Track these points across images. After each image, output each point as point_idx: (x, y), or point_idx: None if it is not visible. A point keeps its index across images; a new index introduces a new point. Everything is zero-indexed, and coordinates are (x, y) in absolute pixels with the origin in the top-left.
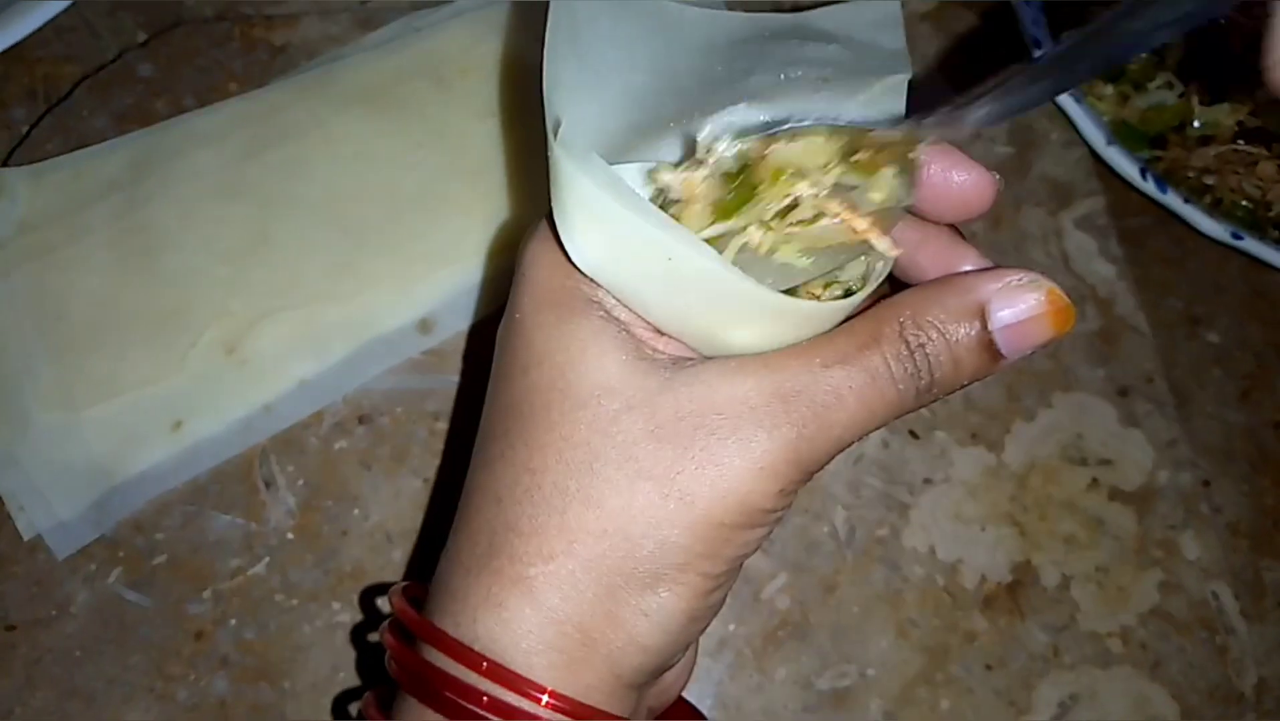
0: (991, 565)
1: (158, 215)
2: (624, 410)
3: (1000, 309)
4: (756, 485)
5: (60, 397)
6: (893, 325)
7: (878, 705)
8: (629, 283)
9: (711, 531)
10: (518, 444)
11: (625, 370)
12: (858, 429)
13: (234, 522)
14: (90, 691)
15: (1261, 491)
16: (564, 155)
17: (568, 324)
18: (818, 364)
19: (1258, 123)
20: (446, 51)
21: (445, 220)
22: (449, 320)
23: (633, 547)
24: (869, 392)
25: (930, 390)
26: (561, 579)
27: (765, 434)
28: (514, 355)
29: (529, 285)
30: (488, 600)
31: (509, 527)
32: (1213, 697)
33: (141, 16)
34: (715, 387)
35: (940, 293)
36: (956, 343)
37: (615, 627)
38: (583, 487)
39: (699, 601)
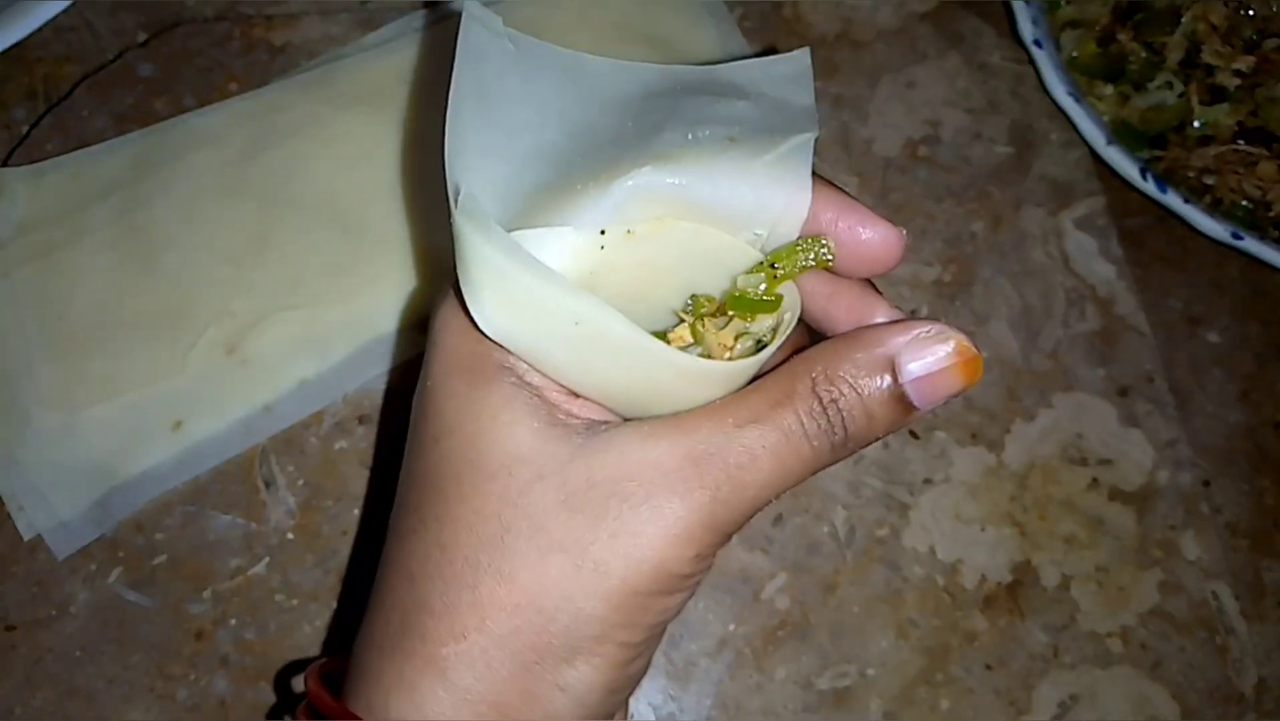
0: (991, 565)
1: (158, 215)
2: (535, 479)
3: (909, 361)
4: (671, 551)
5: (61, 397)
6: (805, 381)
7: (878, 705)
8: (538, 347)
9: (627, 600)
10: (429, 518)
11: (537, 438)
12: (773, 488)
13: (234, 522)
14: (90, 691)
15: (1261, 491)
16: (464, 222)
17: (478, 391)
18: (730, 424)
19: (1258, 123)
20: (447, 51)
21: (445, 220)
22: None
23: (546, 621)
24: (783, 450)
25: (845, 445)
26: (474, 657)
27: (679, 499)
28: (426, 424)
29: (439, 351)
30: (400, 682)
31: (420, 606)
32: (1213, 697)
33: (142, 16)
34: (627, 453)
35: (850, 347)
36: (869, 396)
37: (532, 705)
38: (494, 561)
39: (617, 672)
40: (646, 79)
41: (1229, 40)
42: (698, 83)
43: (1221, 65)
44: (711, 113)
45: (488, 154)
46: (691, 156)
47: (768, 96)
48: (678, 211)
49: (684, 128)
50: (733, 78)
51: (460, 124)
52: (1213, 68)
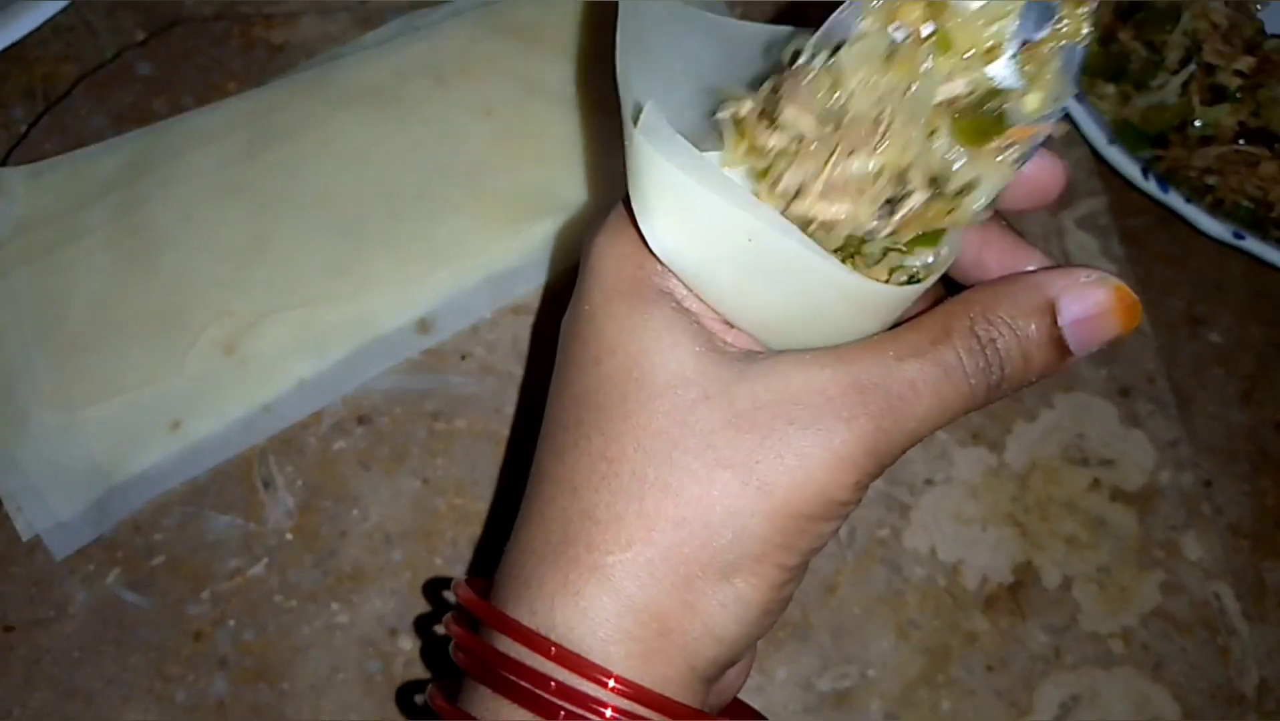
0: (993, 566)
1: (156, 215)
2: (701, 399)
3: (1070, 304)
4: (835, 475)
5: (59, 397)
6: (963, 320)
7: (878, 706)
8: (705, 268)
9: (789, 522)
10: (593, 433)
11: (699, 361)
12: (931, 422)
13: (233, 523)
14: (89, 692)
15: (1263, 492)
16: (645, 138)
17: (640, 314)
18: (891, 356)
19: (1259, 123)
20: (445, 51)
21: (444, 220)
22: (448, 320)
23: (711, 536)
24: (943, 386)
25: (1000, 386)
26: (639, 567)
27: (844, 425)
28: (584, 346)
29: (598, 277)
30: (564, 588)
31: (585, 515)
32: (1214, 698)
33: (140, 16)
34: (791, 378)
35: (1010, 289)
36: (1027, 338)
37: (692, 617)
38: (661, 475)
39: (774, 593)
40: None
41: (1230, 40)
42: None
43: (1222, 65)
44: None
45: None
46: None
47: None
48: None
49: None
50: None
51: (629, 55)
52: (1214, 67)
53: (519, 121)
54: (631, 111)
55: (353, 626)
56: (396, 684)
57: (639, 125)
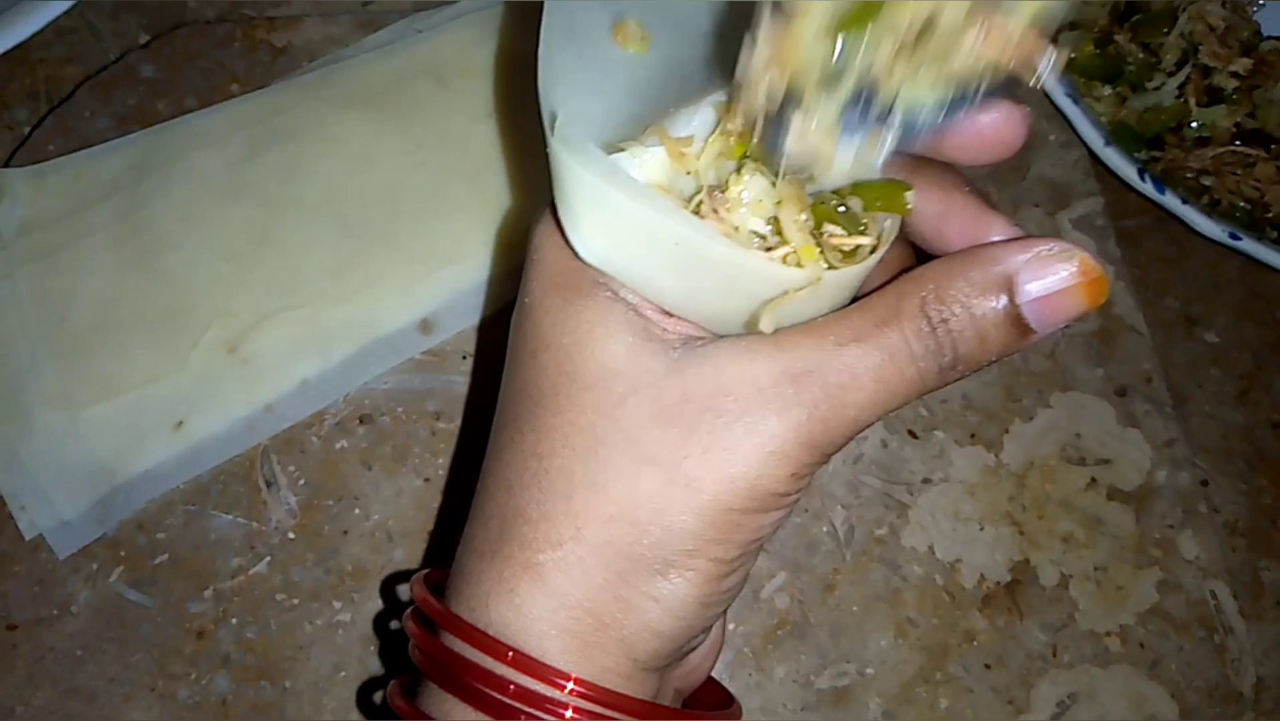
0: (990, 564)
1: (160, 215)
2: (629, 393)
3: (1029, 280)
4: (765, 469)
5: (62, 397)
6: (913, 300)
7: (877, 704)
8: (637, 271)
9: (720, 516)
10: (526, 429)
11: (632, 352)
12: (875, 409)
13: (235, 522)
14: (92, 690)
15: (1259, 491)
16: (561, 148)
17: (573, 306)
18: (831, 341)
19: (1255, 124)
20: (447, 53)
21: (446, 220)
22: (450, 320)
23: (639, 533)
24: (886, 371)
25: (955, 367)
26: (570, 564)
27: (774, 416)
28: (523, 340)
29: (536, 269)
30: (500, 585)
31: (518, 514)
32: (1211, 696)
33: (144, 18)
34: (723, 368)
35: (964, 265)
36: (982, 317)
37: (627, 612)
38: (589, 473)
39: (711, 586)
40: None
41: (1226, 42)
42: None
43: (1219, 67)
44: None
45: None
46: None
47: None
48: None
49: None
50: None
51: (552, 57)
52: (1210, 69)
53: (519, 123)
54: (549, 118)
55: (355, 624)
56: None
57: (555, 134)
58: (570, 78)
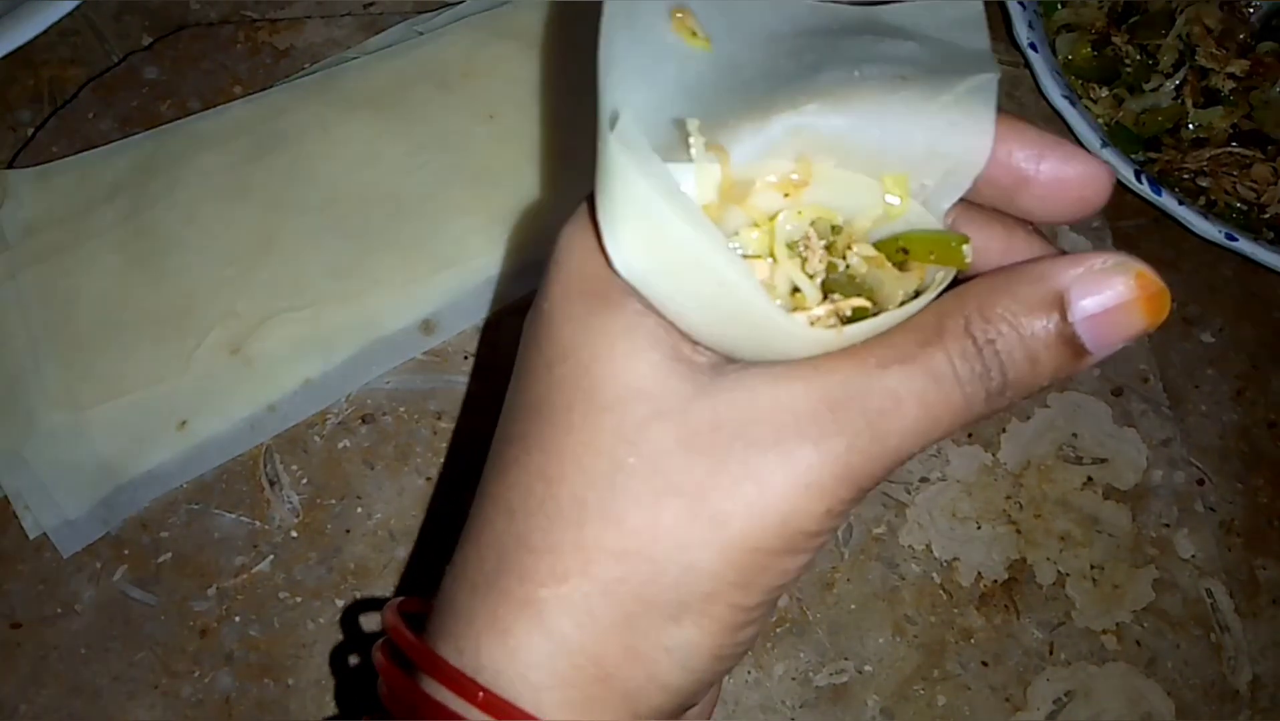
0: (988, 562)
1: (163, 217)
2: (653, 417)
3: (1082, 296)
4: (800, 503)
5: (66, 397)
6: (957, 319)
7: (874, 701)
8: (671, 298)
9: (746, 557)
10: (534, 448)
11: (658, 371)
12: (918, 439)
13: (239, 521)
14: (96, 688)
15: (1255, 490)
16: (620, 150)
17: (598, 316)
18: (872, 365)
19: (1252, 125)
20: (449, 55)
21: (448, 222)
22: (451, 321)
23: (656, 572)
24: (930, 396)
25: (1003, 392)
26: (575, 603)
27: (812, 446)
28: (538, 349)
29: (560, 272)
30: (493, 625)
31: (520, 543)
32: (1208, 694)
33: (146, 20)
34: (757, 394)
35: (1011, 281)
36: (1032, 337)
37: (633, 663)
38: (603, 501)
39: (726, 637)
40: (797, 15)
41: (1223, 43)
42: (855, 22)
43: (1216, 68)
44: (876, 52)
45: (635, 77)
46: (859, 95)
47: (935, 39)
48: (838, 154)
49: (848, 66)
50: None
51: (613, 39)
52: (1207, 70)
53: (521, 125)
54: (609, 113)
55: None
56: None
57: (614, 132)
58: (627, 63)
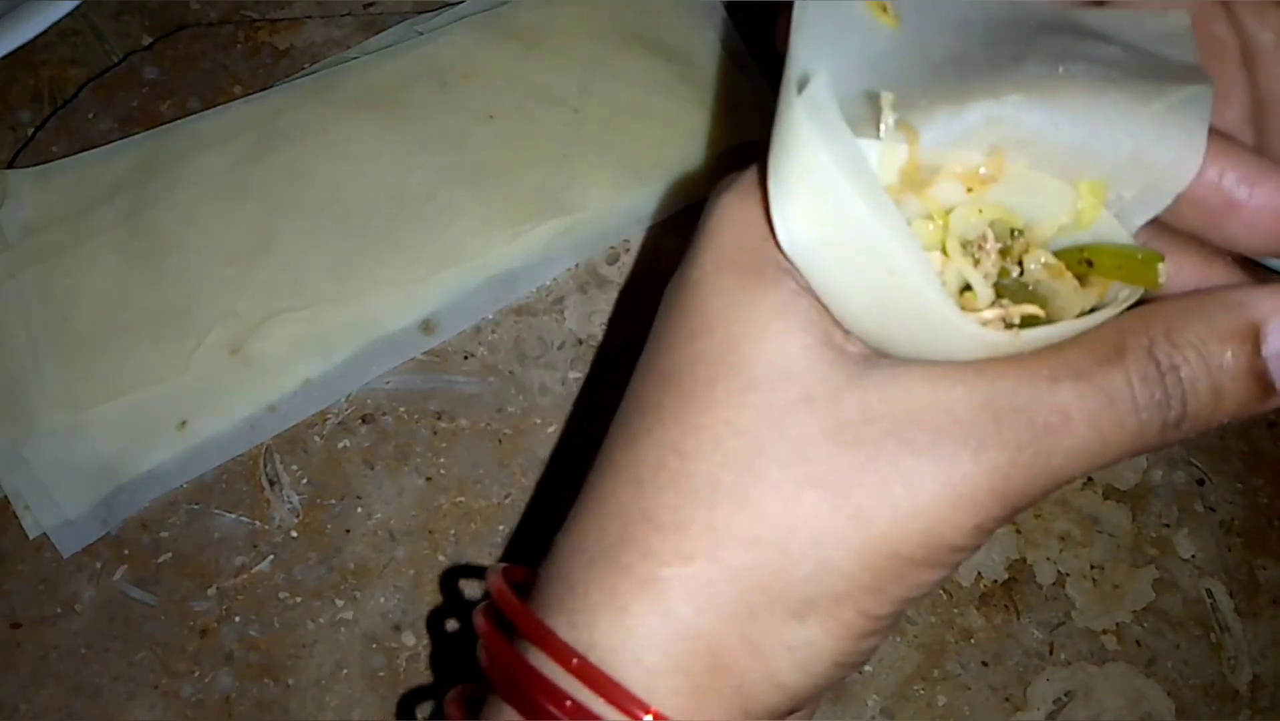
0: (987, 562)
1: (163, 217)
2: (801, 401)
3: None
4: (948, 515)
5: (66, 397)
6: (1140, 340)
7: (875, 701)
8: (834, 278)
9: (884, 562)
10: (669, 420)
11: (809, 356)
12: (1084, 462)
13: (239, 521)
14: (96, 688)
15: (1255, 490)
16: (807, 116)
17: (750, 291)
18: (1044, 376)
19: None
20: (449, 55)
21: (447, 222)
22: (451, 321)
23: (787, 564)
24: (1104, 419)
25: (1179, 425)
26: (698, 586)
27: (970, 455)
28: (682, 317)
29: (713, 240)
30: (611, 600)
31: (646, 518)
32: (1208, 694)
33: (146, 20)
34: (914, 392)
35: (1204, 306)
36: (1219, 368)
37: (752, 656)
38: (740, 484)
39: (850, 644)
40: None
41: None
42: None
43: None
44: (1079, 50)
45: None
46: (1066, 91)
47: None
48: (1032, 152)
49: (1050, 61)
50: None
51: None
52: None
53: (521, 125)
54: (797, 75)
55: (357, 622)
56: (400, 679)
57: (803, 96)
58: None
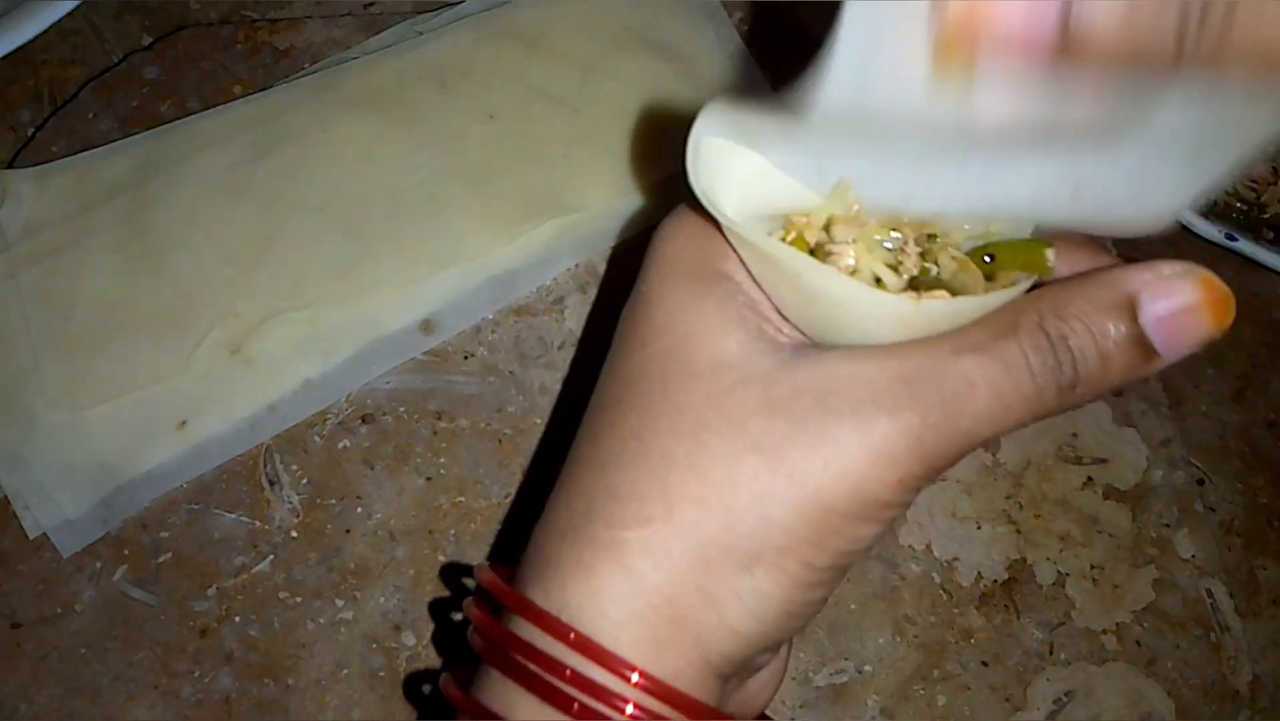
0: (987, 562)
1: (163, 217)
2: (738, 384)
3: (1152, 300)
4: (873, 470)
5: (66, 397)
6: (1031, 316)
7: (875, 701)
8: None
9: (819, 515)
10: (629, 412)
11: (743, 348)
12: (989, 423)
13: (239, 521)
14: (96, 688)
15: (1255, 490)
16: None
17: (692, 297)
18: (947, 351)
19: None
20: (448, 55)
21: (447, 222)
22: (451, 321)
23: (733, 520)
24: (1003, 383)
25: (1074, 389)
26: (654, 544)
27: (887, 417)
28: (635, 327)
29: (658, 258)
30: (578, 567)
31: (608, 493)
32: (1208, 694)
33: (146, 20)
34: (835, 370)
35: (1085, 285)
36: (1104, 336)
37: (706, 605)
38: (690, 455)
39: (797, 593)
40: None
41: None
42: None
43: None
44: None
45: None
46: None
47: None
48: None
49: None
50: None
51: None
52: None
53: (520, 125)
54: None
55: (357, 622)
56: (400, 679)
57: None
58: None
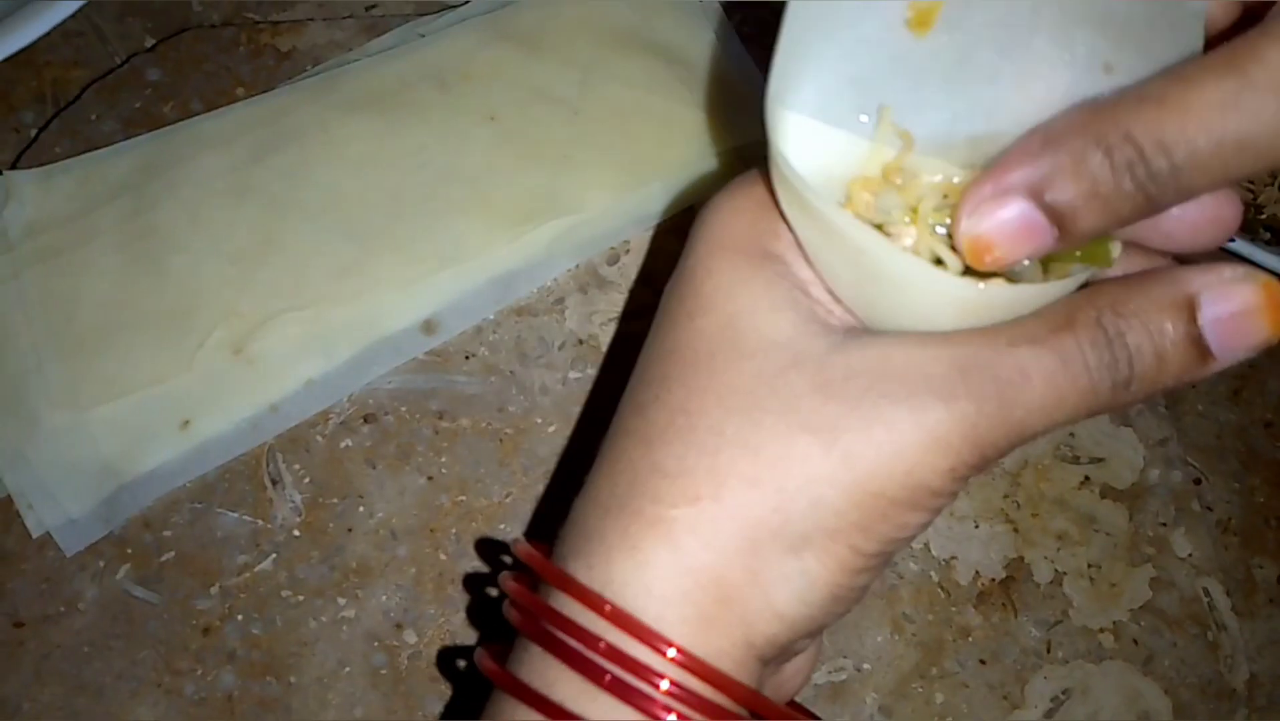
0: (985, 561)
1: (166, 218)
2: (791, 365)
3: (1212, 302)
4: (926, 456)
5: (69, 397)
6: (1088, 312)
7: (873, 699)
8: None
9: (871, 500)
10: (675, 387)
11: (795, 328)
12: (1043, 416)
13: (241, 520)
14: (99, 686)
15: (1252, 489)
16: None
17: (741, 273)
18: (1003, 342)
19: None
20: (450, 57)
21: (448, 222)
22: (453, 321)
23: (784, 501)
24: (1058, 376)
25: (1129, 386)
26: (703, 523)
27: (942, 404)
28: (680, 301)
29: (707, 232)
30: (623, 541)
31: (654, 469)
32: (1205, 693)
33: (149, 21)
34: (890, 354)
35: (1144, 283)
36: (1161, 334)
37: (753, 586)
38: (740, 432)
39: (844, 578)
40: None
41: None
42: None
43: None
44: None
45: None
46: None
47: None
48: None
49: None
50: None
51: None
52: None
53: (521, 126)
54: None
55: (359, 621)
56: (402, 677)
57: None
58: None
